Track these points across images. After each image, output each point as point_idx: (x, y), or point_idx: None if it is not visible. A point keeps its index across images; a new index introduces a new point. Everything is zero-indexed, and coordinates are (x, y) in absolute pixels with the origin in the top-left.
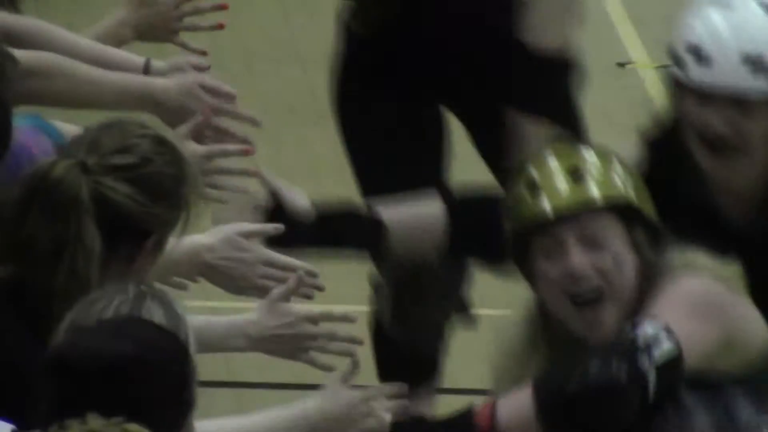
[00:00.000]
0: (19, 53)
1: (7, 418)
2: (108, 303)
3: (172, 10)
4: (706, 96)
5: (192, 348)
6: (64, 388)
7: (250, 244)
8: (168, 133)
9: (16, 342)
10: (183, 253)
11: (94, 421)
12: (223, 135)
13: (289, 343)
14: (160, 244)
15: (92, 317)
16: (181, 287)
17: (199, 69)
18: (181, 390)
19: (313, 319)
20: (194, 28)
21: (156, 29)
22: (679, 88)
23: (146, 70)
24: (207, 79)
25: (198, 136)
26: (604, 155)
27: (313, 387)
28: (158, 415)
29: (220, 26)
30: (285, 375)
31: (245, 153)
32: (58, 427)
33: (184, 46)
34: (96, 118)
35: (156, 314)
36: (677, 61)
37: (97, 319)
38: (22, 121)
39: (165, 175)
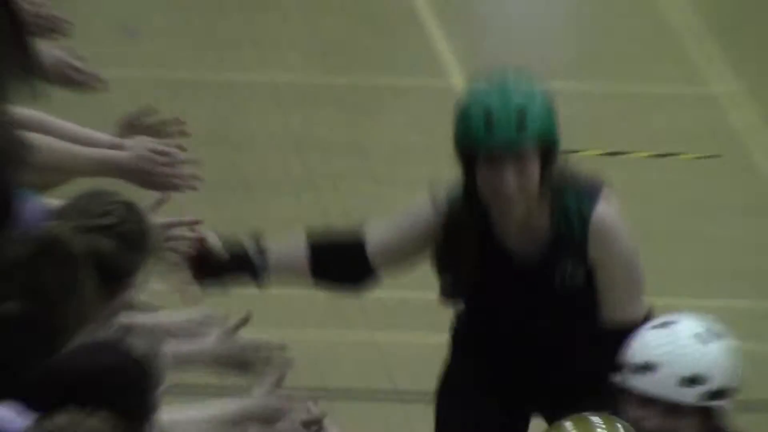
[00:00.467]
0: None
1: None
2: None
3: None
4: (647, 399)
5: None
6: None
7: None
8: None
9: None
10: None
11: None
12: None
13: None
14: (132, 284)
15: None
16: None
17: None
18: (143, 399)
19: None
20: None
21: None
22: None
23: (118, 145)
24: (156, 144)
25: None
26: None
27: None
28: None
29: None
30: None
31: (194, 223)
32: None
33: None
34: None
35: (135, 349)
36: (626, 368)
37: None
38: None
39: (136, 231)
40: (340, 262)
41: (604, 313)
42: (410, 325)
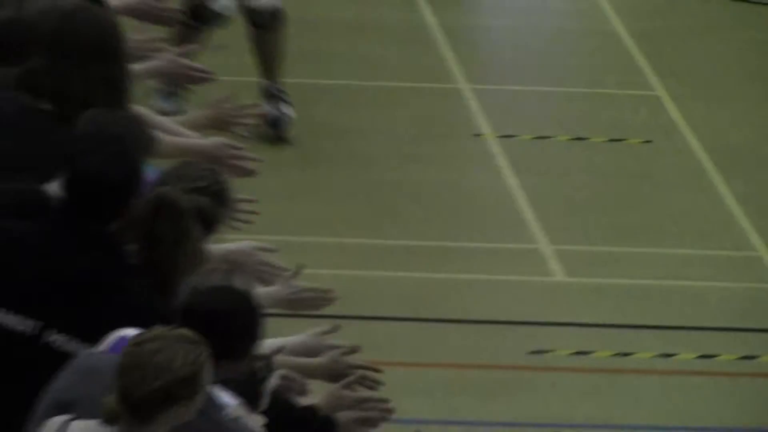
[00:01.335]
0: None
1: None
2: (209, 281)
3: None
4: None
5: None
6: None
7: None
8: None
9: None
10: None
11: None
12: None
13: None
14: (219, 230)
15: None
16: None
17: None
18: (255, 330)
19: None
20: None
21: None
22: None
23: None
24: (234, 143)
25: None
26: None
27: None
28: (240, 346)
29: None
30: None
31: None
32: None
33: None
34: None
35: (237, 284)
36: None
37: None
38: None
39: (222, 190)
40: None
41: None
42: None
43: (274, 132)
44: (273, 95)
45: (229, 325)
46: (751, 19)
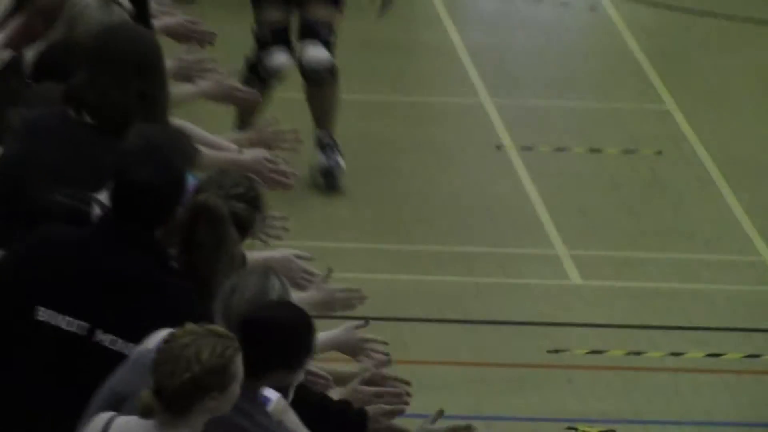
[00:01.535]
0: None
1: None
2: (247, 281)
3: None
4: None
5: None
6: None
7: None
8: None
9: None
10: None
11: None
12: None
13: None
14: (253, 234)
15: (244, 291)
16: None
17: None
18: (310, 343)
19: None
20: None
21: None
22: None
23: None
24: (272, 158)
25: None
26: None
27: None
28: (294, 353)
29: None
30: None
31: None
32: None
33: None
34: None
35: (276, 286)
36: None
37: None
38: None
39: (257, 196)
40: None
41: None
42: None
43: (326, 182)
44: (326, 145)
45: (287, 337)
46: (759, 40)
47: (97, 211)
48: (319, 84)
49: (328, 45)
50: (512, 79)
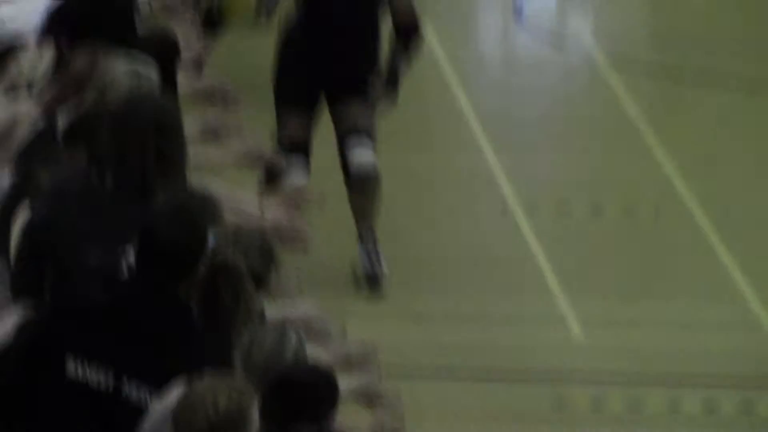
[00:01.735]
0: None
1: None
2: (265, 334)
3: None
4: None
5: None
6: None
7: None
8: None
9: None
10: None
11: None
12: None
13: None
14: (269, 286)
15: (263, 343)
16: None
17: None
18: (336, 399)
19: None
20: None
21: None
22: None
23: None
24: (289, 219)
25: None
26: None
27: None
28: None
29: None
30: None
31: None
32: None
33: None
34: None
35: (293, 339)
36: None
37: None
38: None
39: (270, 250)
40: None
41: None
42: None
43: (369, 287)
44: (369, 241)
45: (314, 394)
46: (753, 108)
47: (125, 268)
48: (366, 185)
49: (371, 142)
50: (518, 142)
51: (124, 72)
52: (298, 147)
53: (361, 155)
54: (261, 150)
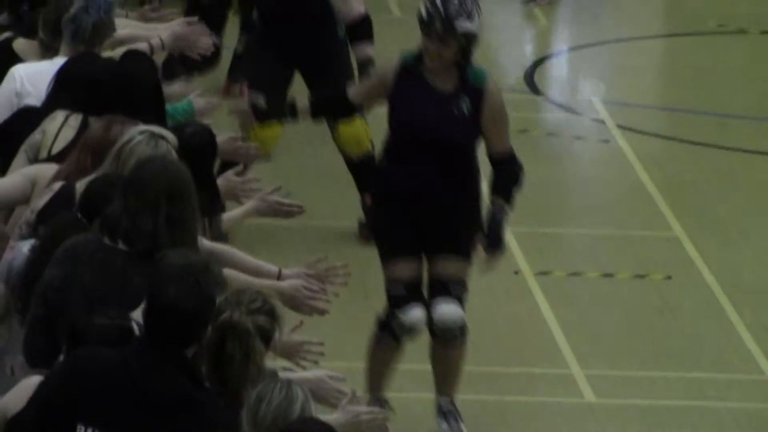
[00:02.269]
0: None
1: None
2: (272, 390)
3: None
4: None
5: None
6: None
7: None
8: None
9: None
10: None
11: None
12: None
13: None
14: (274, 343)
15: (270, 399)
16: None
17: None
18: None
19: None
20: None
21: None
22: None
23: (279, 275)
24: (307, 284)
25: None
26: None
27: None
28: None
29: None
30: None
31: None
32: None
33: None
34: None
35: (299, 395)
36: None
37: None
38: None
39: (273, 308)
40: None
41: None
42: None
43: None
44: (449, 412)
45: None
46: (764, 171)
47: (136, 331)
48: (450, 343)
49: (461, 302)
50: (529, 208)
51: (140, 134)
52: (414, 292)
53: (449, 308)
54: (278, 200)
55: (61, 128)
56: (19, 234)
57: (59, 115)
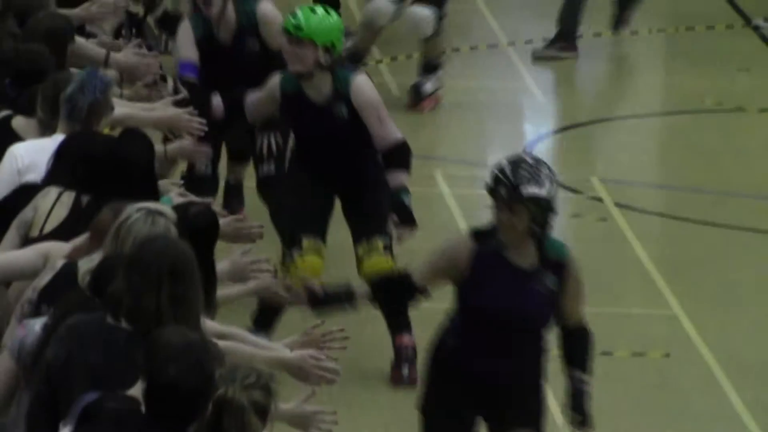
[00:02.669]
0: (222, 344)
1: None
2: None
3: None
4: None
5: None
6: None
7: None
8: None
9: None
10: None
11: None
12: None
13: None
14: (271, 418)
15: None
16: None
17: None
18: None
19: None
20: None
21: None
22: None
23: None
24: (316, 355)
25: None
26: None
27: None
28: None
29: None
30: None
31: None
32: None
33: None
34: None
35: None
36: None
37: None
38: None
39: (268, 382)
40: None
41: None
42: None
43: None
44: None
45: None
46: (762, 249)
47: (142, 410)
48: None
49: None
50: None
51: (137, 211)
52: None
53: None
54: (283, 282)
55: (53, 206)
56: (21, 312)
57: (52, 192)
